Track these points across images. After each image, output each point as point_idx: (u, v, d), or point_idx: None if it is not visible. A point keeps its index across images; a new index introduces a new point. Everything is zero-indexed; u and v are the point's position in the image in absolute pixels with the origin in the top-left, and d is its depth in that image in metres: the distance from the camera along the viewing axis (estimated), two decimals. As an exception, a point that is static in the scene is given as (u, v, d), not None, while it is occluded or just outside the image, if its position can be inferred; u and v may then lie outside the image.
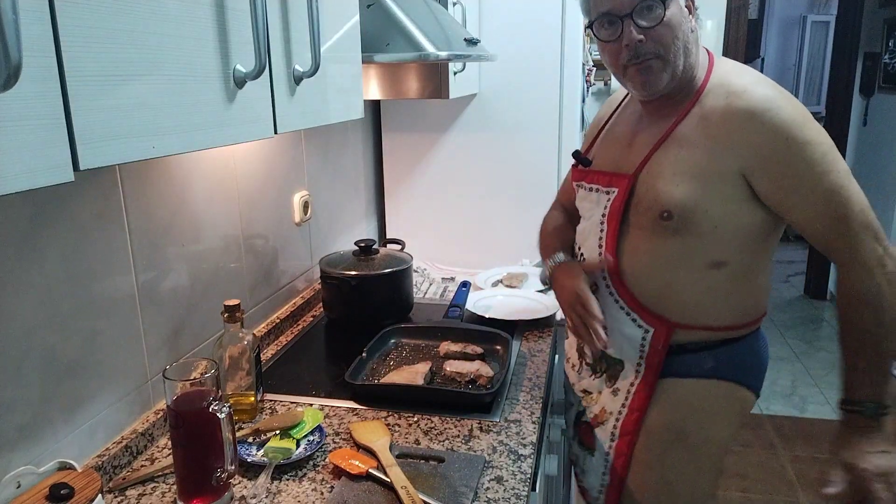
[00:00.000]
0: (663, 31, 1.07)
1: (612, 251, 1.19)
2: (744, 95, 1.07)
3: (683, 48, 1.10)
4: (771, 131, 1.04)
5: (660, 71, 1.10)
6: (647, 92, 1.14)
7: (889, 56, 3.86)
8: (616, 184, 1.19)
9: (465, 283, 1.89)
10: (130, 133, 0.64)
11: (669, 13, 1.07)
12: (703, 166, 1.09)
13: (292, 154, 1.70)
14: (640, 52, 1.09)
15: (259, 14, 0.82)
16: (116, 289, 1.10)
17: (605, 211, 1.20)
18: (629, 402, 1.23)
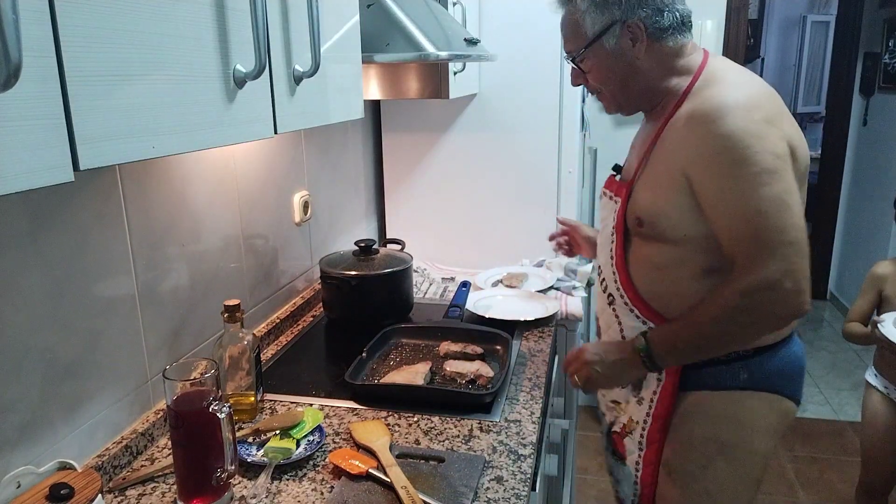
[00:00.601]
0: (592, 75, 1.21)
1: (620, 261, 1.22)
2: (704, 101, 1.08)
3: (621, 83, 1.19)
4: (711, 138, 1.04)
5: (610, 101, 1.24)
6: (608, 112, 1.28)
7: (889, 56, 3.86)
8: (620, 192, 1.23)
9: (465, 283, 1.89)
10: (130, 133, 0.64)
11: (589, 64, 1.19)
12: (665, 172, 1.12)
13: (292, 154, 1.70)
14: (589, 88, 1.25)
15: (259, 14, 0.82)
16: (116, 289, 1.10)
17: (614, 221, 1.24)
18: (653, 411, 1.23)
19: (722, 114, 1.03)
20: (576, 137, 2.11)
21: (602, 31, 1.14)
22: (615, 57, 1.16)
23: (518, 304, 1.79)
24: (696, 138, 1.06)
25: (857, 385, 3.32)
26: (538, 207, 2.17)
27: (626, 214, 1.20)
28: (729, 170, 1.03)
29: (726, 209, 1.04)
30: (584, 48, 1.17)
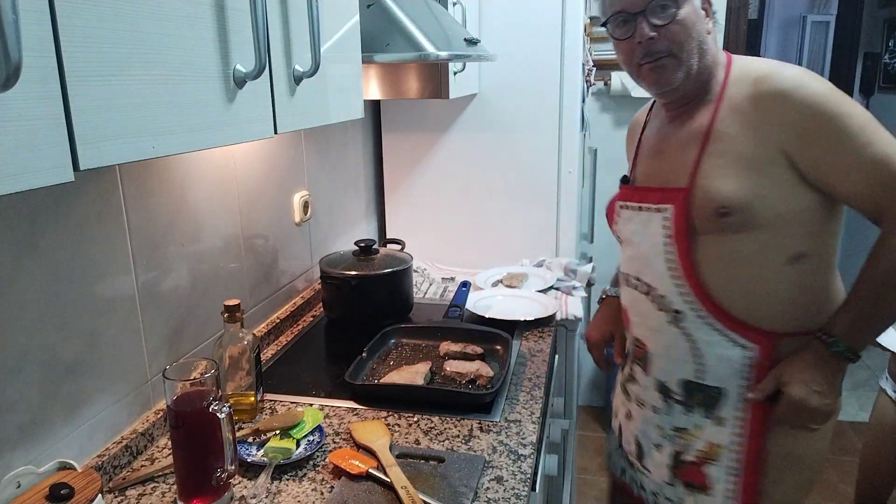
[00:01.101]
0: (676, 28, 1.09)
1: (689, 270, 1.13)
2: (770, 78, 1.07)
3: (698, 48, 1.11)
4: (804, 107, 1.03)
5: (673, 69, 1.11)
6: (659, 90, 1.16)
7: (889, 56, 3.86)
8: (670, 199, 1.14)
9: (465, 283, 1.88)
10: (130, 133, 0.64)
11: (683, 12, 1.08)
12: (747, 156, 1.07)
13: (292, 154, 1.70)
14: (653, 49, 1.10)
15: (259, 14, 0.82)
16: (116, 289, 1.10)
17: (668, 231, 1.14)
18: (746, 431, 1.15)
19: (802, 84, 1.04)
20: (576, 137, 2.11)
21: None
22: (699, 18, 1.11)
23: (518, 304, 1.79)
24: (788, 113, 1.04)
25: (857, 385, 3.32)
26: (538, 207, 2.17)
27: (694, 213, 1.11)
28: (840, 129, 1.02)
29: (856, 166, 1.02)
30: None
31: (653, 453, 1.27)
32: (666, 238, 1.15)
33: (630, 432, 1.33)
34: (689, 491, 1.22)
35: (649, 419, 1.26)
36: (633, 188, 1.25)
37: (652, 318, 1.20)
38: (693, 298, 1.14)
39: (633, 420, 1.31)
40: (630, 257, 1.25)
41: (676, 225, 1.13)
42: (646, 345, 1.24)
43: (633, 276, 1.24)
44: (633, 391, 1.31)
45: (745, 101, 1.09)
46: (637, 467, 1.33)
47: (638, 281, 1.23)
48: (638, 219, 1.21)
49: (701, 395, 1.18)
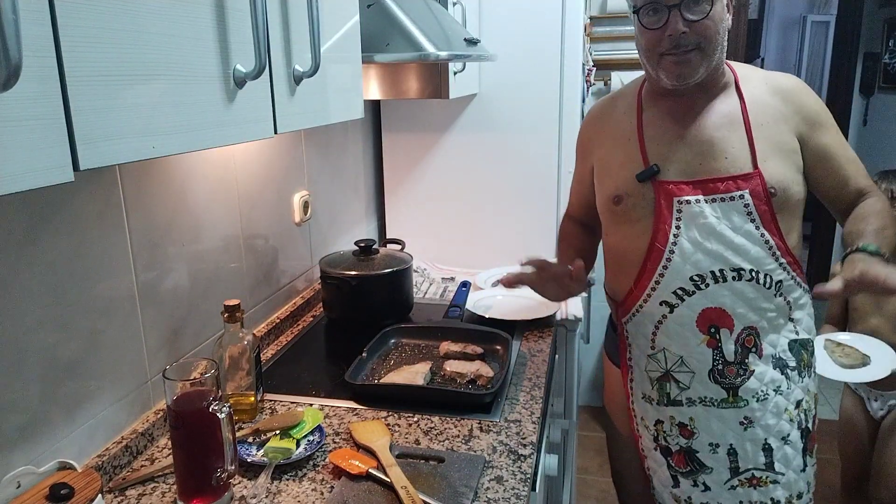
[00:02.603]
0: (708, 24, 1.14)
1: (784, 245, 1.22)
2: (779, 78, 1.26)
3: (720, 43, 1.19)
4: (815, 103, 1.24)
5: (697, 63, 1.17)
6: (679, 82, 1.19)
7: (889, 56, 3.86)
8: (743, 185, 1.20)
9: (465, 283, 1.89)
10: (130, 133, 0.64)
11: (715, 9, 1.14)
12: (781, 144, 1.22)
13: (292, 154, 1.70)
14: (682, 42, 1.15)
15: (259, 14, 0.82)
16: (116, 289, 1.10)
17: (753, 216, 1.20)
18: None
19: (803, 84, 1.27)
20: (576, 137, 2.10)
21: None
22: (725, 12, 1.18)
23: (518, 304, 1.79)
24: (804, 105, 1.23)
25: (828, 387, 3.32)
26: (538, 207, 2.17)
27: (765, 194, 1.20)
28: (830, 124, 1.25)
29: (849, 155, 1.26)
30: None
31: (785, 450, 1.26)
32: (751, 222, 1.20)
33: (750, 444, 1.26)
34: (812, 458, 1.31)
35: (776, 409, 1.26)
36: (694, 181, 1.22)
37: (759, 299, 1.23)
38: (788, 266, 1.24)
39: (756, 425, 1.26)
40: (713, 252, 1.21)
41: (759, 209, 1.20)
42: (755, 327, 1.24)
43: (731, 268, 1.21)
44: (751, 390, 1.25)
45: (767, 96, 1.24)
46: (765, 481, 1.26)
47: (739, 272, 1.21)
48: (711, 210, 1.21)
49: (803, 351, 1.29)
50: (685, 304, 1.24)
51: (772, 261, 1.21)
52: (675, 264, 1.23)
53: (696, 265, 1.22)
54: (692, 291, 1.23)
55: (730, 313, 1.22)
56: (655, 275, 1.25)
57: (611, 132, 1.36)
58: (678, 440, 1.30)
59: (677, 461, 1.32)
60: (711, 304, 1.23)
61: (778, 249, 1.21)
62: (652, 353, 1.32)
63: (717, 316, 1.23)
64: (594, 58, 2.63)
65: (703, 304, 1.23)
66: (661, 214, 1.23)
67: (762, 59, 6.21)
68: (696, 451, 1.29)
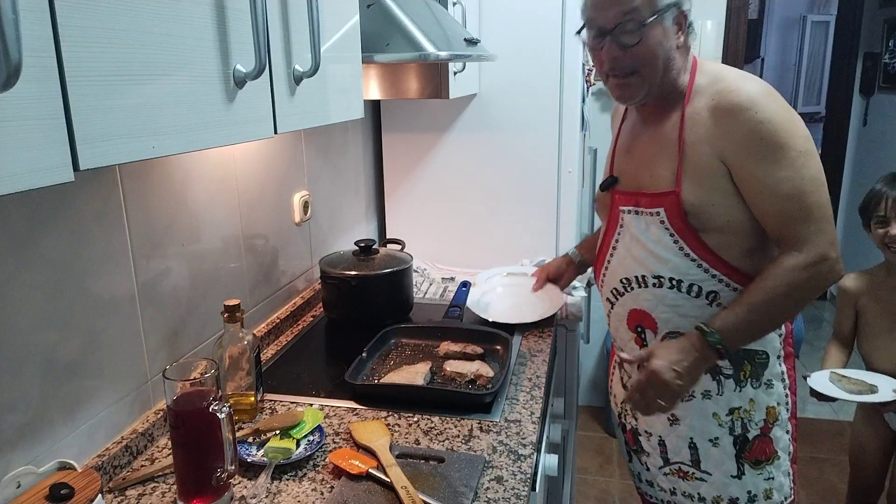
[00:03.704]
0: (641, 50, 1.14)
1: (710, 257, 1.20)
2: (729, 92, 1.14)
3: (664, 65, 1.17)
4: (748, 127, 1.11)
5: (637, 87, 1.18)
6: (622, 102, 1.25)
7: (889, 56, 3.86)
8: (660, 203, 1.21)
9: (465, 283, 1.88)
10: (130, 133, 0.64)
11: (650, 33, 1.13)
12: (701, 166, 1.16)
13: (292, 154, 1.70)
14: (618, 66, 1.17)
15: (259, 14, 0.82)
16: (116, 289, 1.10)
17: (671, 231, 1.20)
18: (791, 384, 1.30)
19: (754, 103, 1.11)
20: (576, 137, 2.11)
21: (669, 5, 1.14)
22: (666, 37, 1.16)
23: (518, 302, 1.78)
24: (734, 128, 1.12)
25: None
26: (538, 207, 2.17)
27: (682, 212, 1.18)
28: (772, 155, 1.11)
29: (773, 193, 1.12)
30: (655, 14, 1.12)
31: (711, 451, 1.28)
32: (671, 237, 1.21)
33: (677, 439, 1.31)
34: (756, 469, 1.28)
35: (702, 411, 1.27)
36: (629, 193, 1.28)
37: (686, 306, 1.24)
38: (724, 278, 1.20)
39: (682, 423, 1.30)
40: (639, 259, 1.26)
41: (675, 226, 1.20)
42: (684, 333, 1.23)
43: (653, 275, 1.25)
44: None
45: (705, 111, 1.17)
46: (691, 476, 1.32)
47: (659, 279, 1.24)
48: (639, 221, 1.26)
49: (747, 361, 1.25)
50: (619, 303, 1.33)
51: (699, 272, 1.20)
52: (612, 266, 1.33)
53: (625, 269, 1.29)
54: (622, 292, 1.31)
55: (652, 316, 1.27)
56: (601, 274, 1.37)
57: (613, 130, 1.44)
58: (630, 420, 1.42)
59: (628, 438, 1.45)
60: (637, 305, 1.29)
61: (705, 262, 1.19)
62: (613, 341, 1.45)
63: (642, 317, 1.29)
64: (594, 58, 2.63)
65: (631, 305, 1.30)
66: (611, 220, 1.33)
67: (762, 59, 6.21)
68: (639, 433, 1.39)
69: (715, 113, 1.15)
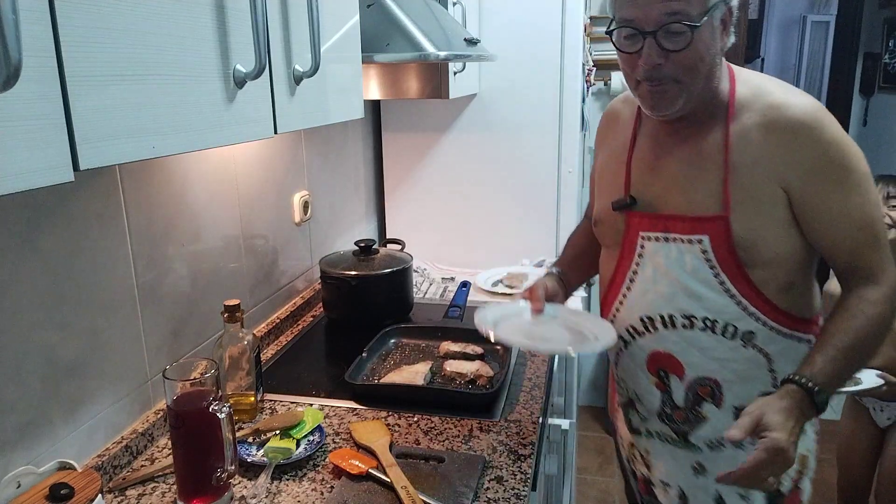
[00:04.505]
0: (688, 55, 0.97)
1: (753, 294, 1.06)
2: (785, 109, 1.01)
3: (707, 72, 1.01)
4: (816, 149, 0.99)
5: (674, 97, 1.01)
6: (656, 114, 1.06)
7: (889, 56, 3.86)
8: (703, 229, 1.05)
9: (465, 283, 1.89)
10: (130, 133, 0.64)
11: (698, 37, 0.96)
12: (749, 187, 1.02)
13: (292, 154, 1.70)
14: (657, 75, 1.00)
15: (259, 14, 0.82)
16: (116, 289, 1.10)
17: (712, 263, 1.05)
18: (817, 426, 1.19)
19: (819, 122, 1.00)
20: (576, 137, 2.11)
21: (718, 1, 0.97)
22: (714, 40, 0.99)
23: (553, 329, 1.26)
24: (799, 149, 0.99)
25: (856, 385, 3.31)
26: (538, 207, 2.17)
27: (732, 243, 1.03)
28: (842, 180, 1.00)
29: (846, 221, 1.01)
30: (706, 13, 0.95)
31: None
32: (711, 269, 1.06)
33: (701, 493, 1.17)
34: None
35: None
36: (654, 217, 1.11)
37: (719, 350, 1.09)
38: (762, 317, 1.07)
39: (708, 474, 1.15)
40: (665, 295, 1.10)
41: (719, 256, 1.05)
42: (713, 378, 1.11)
43: (683, 315, 1.09)
44: (703, 437, 1.14)
45: (756, 130, 1.02)
46: None
47: (690, 319, 1.09)
48: (668, 250, 1.09)
49: None
50: (636, 343, 1.17)
51: (736, 310, 1.06)
52: (629, 301, 1.16)
53: (647, 306, 1.13)
54: (642, 332, 1.15)
55: (679, 360, 1.12)
56: (613, 308, 1.20)
57: (612, 140, 1.24)
58: (641, 468, 1.26)
59: (640, 487, 1.29)
60: (660, 348, 1.13)
61: (746, 299, 1.05)
62: (617, 379, 1.27)
63: (666, 361, 1.14)
64: (594, 58, 2.63)
65: (653, 347, 1.14)
66: (625, 247, 1.15)
67: (762, 59, 6.21)
68: (653, 484, 1.23)
69: (771, 132, 1.01)
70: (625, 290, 1.16)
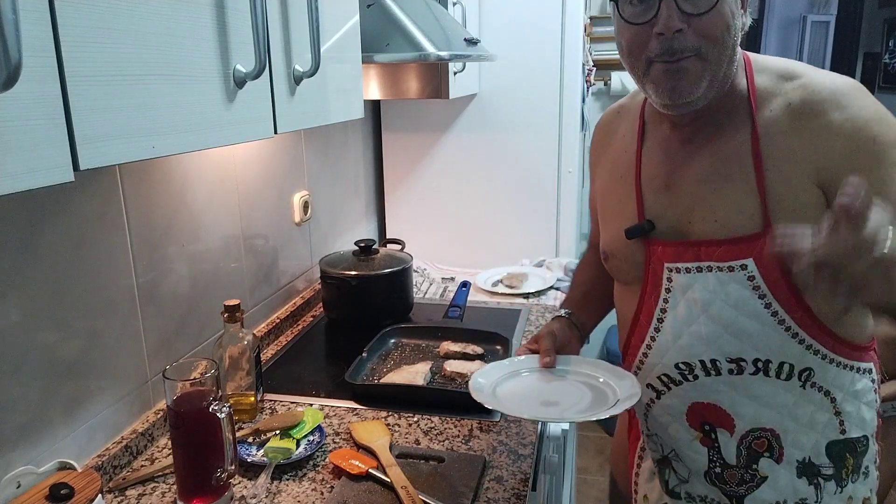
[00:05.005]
0: (714, 20, 0.82)
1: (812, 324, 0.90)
2: (813, 88, 0.87)
3: (732, 48, 0.86)
4: (851, 130, 0.84)
5: (697, 76, 0.85)
6: (673, 101, 0.88)
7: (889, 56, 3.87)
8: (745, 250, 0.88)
9: (465, 283, 1.89)
10: (130, 133, 0.64)
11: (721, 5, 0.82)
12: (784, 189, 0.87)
13: (292, 154, 1.70)
14: (677, 46, 0.83)
15: (259, 14, 0.82)
16: (116, 289, 1.10)
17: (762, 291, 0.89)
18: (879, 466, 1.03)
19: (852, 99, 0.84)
20: (576, 137, 2.11)
21: None
22: (737, 7, 0.85)
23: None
24: (832, 131, 0.84)
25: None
26: (538, 207, 2.17)
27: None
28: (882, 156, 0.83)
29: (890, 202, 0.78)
30: None
31: None
32: (761, 298, 0.89)
33: None
34: None
35: None
36: (684, 243, 0.93)
37: (775, 395, 0.94)
38: (821, 348, 0.91)
39: None
40: (706, 337, 0.93)
41: (770, 282, 0.88)
42: (770, 428, 0.95)
43: (728, 359, 0.93)
44: (763, 500, 0.98)
45: (784, 118, 0.88)
46: None
47: (738, 363, 0.93)
48: (705, 282, 0.92)
49: (849, 454, 0.97)
50: (671, 392, 1.00)
51: (792, 345, 0.90)
52: (659, 345, 0.99)
53: (683, 350, 0.96)
54: (679, 381, 0.98)
55: (728, 412, 0.96)
56: (640, 353, 1.02)
57: (611, 156, 1.08)
58: None
59: None
60: (703, 398, 0.97)
61: (804, 329, 0.89)
62: (648, 433, 1.09)
63: (711, 413, 0.97)
64: (594, 58, 2.63)
65: (693, 398, 0.98)
66: (649, 282, 0.98)
67: (762, 59, 6.21)
68: None
69: (801, 117, 0.85)
70: (652, 333, 0.99)
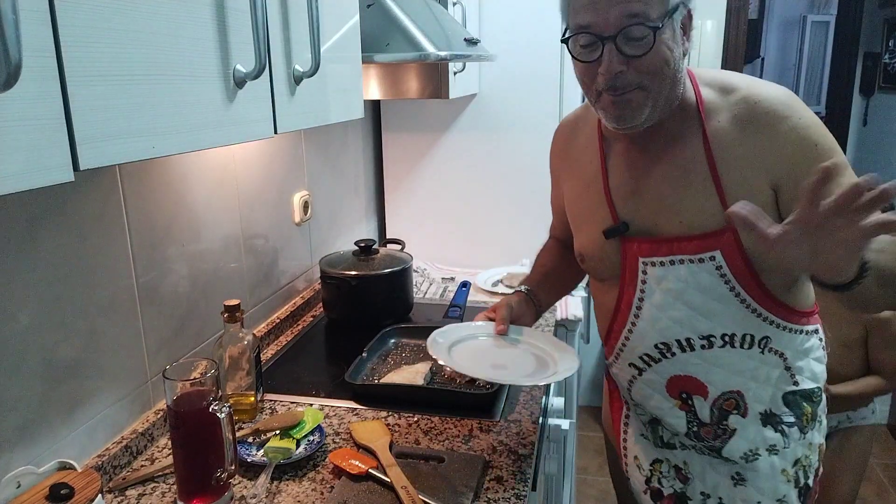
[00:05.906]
0: (652, 59, 0.92)
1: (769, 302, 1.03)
2: (756, 102, 0.98)
3: (672, 77, 0.96)
4: (797, 136, 0.95)
5: (639, 105, 0.95)
6: (621, 126, 0.99)
7: (889, 56, 3.87)
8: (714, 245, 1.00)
9: (465, 283, 1.89)
10: (130, 133, 0.64)
11: (660, 40, 0.91)
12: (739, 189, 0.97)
13: (292, 154, 1.70)
14: (619, 83, 0.93)
15: (259, 14, 0.82)
16: (116, 289, 1.10)
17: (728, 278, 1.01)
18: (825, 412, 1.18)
19: (793, 109, 0.96)
20: (576, 137, 2.10)
21: (678, 4, 0.92)
22: (675, 43, 0.94)
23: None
24: (780, 140, 0.95)
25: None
26: (538, 207, 2.17)
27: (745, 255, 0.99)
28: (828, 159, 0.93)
29: None
30: (666, 15, 0.91)
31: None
32: (726, 283, 1.01)
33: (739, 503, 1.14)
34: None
35: (771, 469, 1.11)
36: (657, 240, 1.05)
37: (740, 362, 1.07)
38: (775, 319, 1.04)
39: (748, 484, 1.12)
40: (680, 320, 1.05)
41: (734, 269, 1.00)
42: (736, 390, 1.08)
43: (700, 336, 1.05)
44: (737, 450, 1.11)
45: (732, 129, 0.98)
46: None
47: (709, 339, 1.05)
48: (677, 272, 1.04)
49: (805, 403, 1.11)
50: (652, 369, 1.11)
51: (752, 319, 1.04)
52: (639, 329, 1.10)
53: (661, 333, 1.08)
54: (658, 359, 1.10)
55: (702, 381, 1.08)
56: (622, 338, 1.13)
57: (575, 165, 1.19)
58: (673, 483, 1.18)
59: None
60: (680, 371, 1.09)
61: (761, 305, 1.03)
62: (633, 403, 1.21)
63: (688, 384, 1.10)
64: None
65: (672, 372, 1.10)
66: (626, 276, 1.09)
67: (762, 59, 6.21)
68: (690, 498, 1.17)
69: (748, 128, 0.97)
70: (632, 319, 1.11)
